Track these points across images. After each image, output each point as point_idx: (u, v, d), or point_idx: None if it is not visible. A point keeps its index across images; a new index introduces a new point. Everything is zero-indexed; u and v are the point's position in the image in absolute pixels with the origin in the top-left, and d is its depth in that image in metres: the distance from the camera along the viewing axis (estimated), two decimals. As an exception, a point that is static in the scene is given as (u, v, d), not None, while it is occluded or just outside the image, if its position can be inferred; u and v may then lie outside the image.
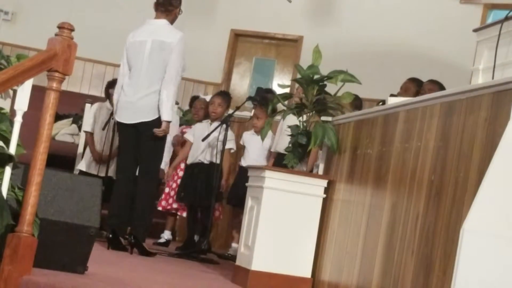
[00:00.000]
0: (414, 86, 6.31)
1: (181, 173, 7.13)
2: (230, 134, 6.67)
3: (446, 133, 3.37)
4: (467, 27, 5.01)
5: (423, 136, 3.59)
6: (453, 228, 3.06)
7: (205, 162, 6.80)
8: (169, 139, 6.78)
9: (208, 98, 7.24)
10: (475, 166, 3.02)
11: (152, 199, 6.09)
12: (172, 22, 5.97)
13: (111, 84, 7.40)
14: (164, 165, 6.75)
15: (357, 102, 6.34)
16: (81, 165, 7.19)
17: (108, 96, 7.37)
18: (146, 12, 6.09)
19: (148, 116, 5.76)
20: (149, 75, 5.80)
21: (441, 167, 3.34)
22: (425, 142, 3.55)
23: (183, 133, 7.29)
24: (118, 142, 6.14)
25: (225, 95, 7.09)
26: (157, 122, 5.76)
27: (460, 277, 2.64)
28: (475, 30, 4.35)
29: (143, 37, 5.88)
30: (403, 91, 6.29)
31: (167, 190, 7.12)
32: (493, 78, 3.82)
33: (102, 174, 6.91)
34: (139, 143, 5.80)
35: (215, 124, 6.70)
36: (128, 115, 5.83)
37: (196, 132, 6.95)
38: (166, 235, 7.19)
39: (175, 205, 7.09)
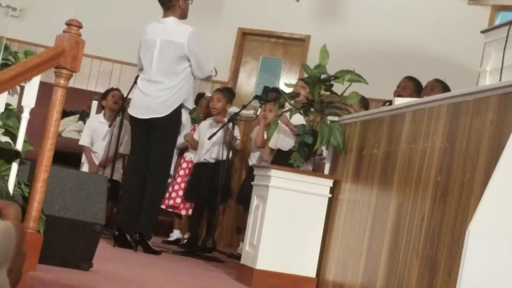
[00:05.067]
0: (413, 84, 6.35)
1: (182, 172, 7.15)
2: (236, 132, 6.67)
3: (452, 134, 3.36)
4: (475, 28, 5.00)
5: (429, 137, 3.59)
6: (459, 230, 3.06)
7: (211, 161, 6.81)
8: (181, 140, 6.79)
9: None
10: (481, 167, 3.02)
11: (161, 197, 6.09)
12: (181, 16, 5.93)
13: (103, 96, 7.44)
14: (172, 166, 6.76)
15: (364, 102, 6.36)
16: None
17: (103, 107, 7.40)
18: (153, 9, 6.09)
19: (160, 112, 5.78)
20: (160, 74, 5.83)
21: (447, 169, 3.34)
22: (432, 143, 3.55)
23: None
24: (131, 139, 6.15)
25: (224, 90, 7.07)
26: (169, 118, 5.78)
27: (465, 278, 2.63)
28: (483, 32, 4.35)
29: (153, 36, 5.89)
30: (402, 89, 6.32)
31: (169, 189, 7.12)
32: (500, 79, 3.81)
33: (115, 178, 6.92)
34: (150, 140, 5.80)
35: (220, 123, 6.69)
36: (141, 111, 5.85)
37: (201, 131, 6.96)
38: (176, 234, 7.21)
39: (171, 202, 7.09)
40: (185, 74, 5.86)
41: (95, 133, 7.24)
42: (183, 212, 7.11)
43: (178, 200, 7.09)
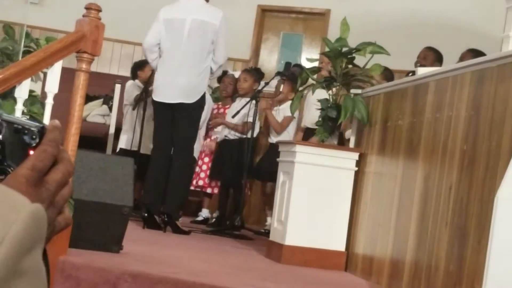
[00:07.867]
0: (433, 54, 6.34)
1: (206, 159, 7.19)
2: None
3: (477, 102, 3.33)
4: (497, -7, 4.93)
5: (454, 106, 3.56)
6: (487, 198, 3.04)
7: (235, 138, 6.82)
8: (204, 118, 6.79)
9: (236, 74, 7.24)
10: (507, 134, 2.99)
11: (188, 177, 6.06)
12: None
13: (139, 65, 7.45)
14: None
15: (387, 74, 6.30)
16: (122, 143, 7.25)
17: (136, 76, 7.43)
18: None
19: (188, 99, 5.72)
20: (190, 56, 5.73)
21: (473, 137, 3.31)
22: (456, 111, 3.52)
23: (214, 112, 7.30)
24: (154, 121, 6.14)
25: (250, 70, 7.09)
26: (195, 105, 5.76)
27: (495, 246, 2.62)
28: (505, -3, 4.28)
29: (181, 15, 5.76)
30: (422, 59, 6.31)
31: (197, 169, 7.14)
32: (524, 44, 3.77)
33: (143, 151, 6.93)
34: (175, 122, 5.78)
35: (244, 100, 6.70)
36: (167, 95, 5.75)
37: (230, 110, 6.96)
38: (204, 213, 7.23)
39: (201, 182, 7.11)
40: (211, 57, 5.82)
41: (130, 98, 7.26)
42: (209, 191, 7.13)
43: (207, 180, 7.12)
